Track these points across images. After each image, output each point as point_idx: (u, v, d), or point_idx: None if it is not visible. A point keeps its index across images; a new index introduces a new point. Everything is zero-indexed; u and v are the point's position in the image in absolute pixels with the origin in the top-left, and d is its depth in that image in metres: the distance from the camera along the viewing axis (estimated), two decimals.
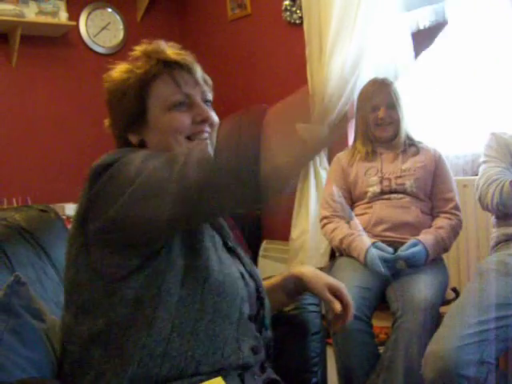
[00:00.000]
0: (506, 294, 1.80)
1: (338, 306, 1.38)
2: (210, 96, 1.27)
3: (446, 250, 2.35)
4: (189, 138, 1.21)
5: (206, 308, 1.12)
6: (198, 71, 1.25)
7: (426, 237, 2.26)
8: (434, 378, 1.65)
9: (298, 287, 1.48)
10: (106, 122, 1.28)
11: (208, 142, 1.23)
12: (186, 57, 1.25)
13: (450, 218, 2.35)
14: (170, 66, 1.21)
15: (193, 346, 1.10)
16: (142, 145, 1.23)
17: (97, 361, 1.09)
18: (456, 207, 2.38)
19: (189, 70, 1.22)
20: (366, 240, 2.28)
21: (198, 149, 0.99)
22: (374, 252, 2.21)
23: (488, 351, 1.66)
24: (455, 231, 2.35)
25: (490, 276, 1.90)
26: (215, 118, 1.25)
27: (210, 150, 1.11)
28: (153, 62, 1.21)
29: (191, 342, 1.10)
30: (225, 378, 1.05)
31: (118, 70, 1.25)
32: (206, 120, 1.22)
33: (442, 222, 2.34)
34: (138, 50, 1.26)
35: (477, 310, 1.75)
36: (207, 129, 1.23)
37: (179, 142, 1.19)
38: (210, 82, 1.29)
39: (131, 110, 1.21)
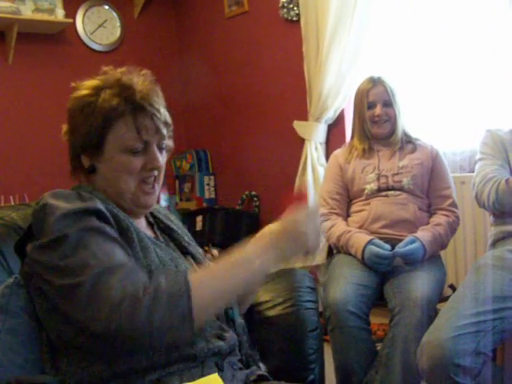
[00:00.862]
0: (501, 287, 1.81)
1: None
2: (165, 141, 1.32)
3: (443, 246, 2.35)
4: (137, 183, 1.28)
5: None
6: (162, 116, 1.29)
7: (424, 234, 2.26)
8: (429, 367, 1.66)
9: None
10: (64, 127, 1.34)
11: (155, 188, 1.32)
12: (154, 99, 1.28)
13: (447, 215, 2.35)
14: (136, 109, 1.25)
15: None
16: (91, 170, 1.28)
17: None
18: (453, 204, 2.38)
19: (152, 117, 1.26)
20: (364, 237, 2.28)
21: (151, 296, 1.04)
22: (372, 249, 2.21)
23: (484, 342, 1.67)
24: (452, 228, 2.35)
25: (487, 270, 1.90)
26: (163, 164, 1.33)
27: (156, 197, 1.34)
28: (121, 101, 1.25)
29: None
30: (202, 365, 1.15)
31: (86, 91, 1.29)
32: (155, 168, 1.30)
33: (439, 218, 2.34)
34: (114, 75, 1.30)
35: (473, 302, 1.75)
36: (155, 173, 1.31)
37: (128, 185, 1.27)
38: (169, 121, 1.34)
39: (90, 137, 1.26)
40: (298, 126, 3.44)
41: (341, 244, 2.35)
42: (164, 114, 1.31)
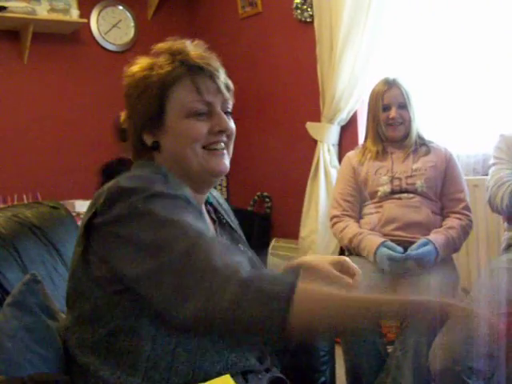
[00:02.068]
0: None
1: (349, 280, 1.33)
2: (230, 106, 1.24)
3: (456, 250, 2.34)
4: (204, 148, 1.19)
5: None
6: (222, 77, 1.21)
7: (437, 236, 2.25)
8: (441, 369, 1.65)
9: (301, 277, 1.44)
10: (123, 115, 1.26)
11: (225, 152, 1.22)
12: (211, 61, 1.21)
13: (460, 218, 2.34)
14: (193, 71, 1.18)
15: (199, 359, 1.09)
16: (155, 147, 1.20)
17: (98, 370, 1.08)
18: (466, 207, 2.37)
19: (212, 77, 1.19)
20: (376, 239, 2.27)
21: (241, 270, 0.97)
22: (384, 251, 2.21)
23: (498, 345, 1.66)
24: (465, 231, 2.34)
25: (502, 273, 1.89)
26: (233, 128, 1.23)
27: (228, 163, 1.21)
28: (176, 64, 1.18)
29: (198, 355, 1.09)
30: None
31: (140, 65, 1.22)
32: (223, 131, 1.20)
33: (452, 222, 2.33)
34: (163, 46, 1.23)
35: (487, 305, 1.74)
36: (224, 139, 1.21)
37: (194, 151, 1.18)
38: (232, 87, 1.25)
39: (149, 110, 1.18)
40: (310, 127, 3.44)
41: (353, 246, 2.34)
42: (224, 76, 1.23)
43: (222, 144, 1.21)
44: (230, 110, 1.24)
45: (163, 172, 1.16)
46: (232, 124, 1.23)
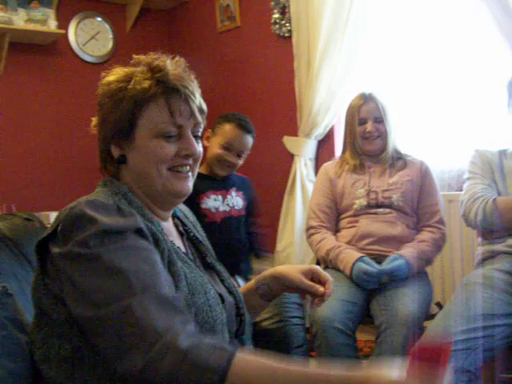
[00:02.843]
0: (491, 305, 1.81)
1: (320, 289, 1.34)
2: (201, 129, 1.25)
3: (428, 262, 2.35)
4: (170, 169, 1.19)
5: None
6: (197, 100, 1.21)
7: (407, 250, 2.27)
8: None
9: (273, 287, 1.41)
10: (94, 120, 1.25)
11: (189, 174, 1.23)
12: (188, 83, 1.21)
13: (432, 232, 2.36)
14: (169, 92, 1.17)
15: None
16: (121, 160, 1.20)
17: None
18: (440, 221, 2.39)
19: (187, 100, 1.18)
20: (354, 253, 2.28)
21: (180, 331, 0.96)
22: (361, 266, 2.21)
23: (471, 360, 1.67)
24: (438, 244, 2.36)
25: (476, 288, 1.91)
26: (200, 152, 1.24)
27: (191, 185, 1.22)
28: (153, 82, 1.18)
29: None
30: None
31: (116, 76, 1.21)
32: (190, 155, 1.21)
33: (424, 235, 2.35)
34: (144, 59, 1.23)
35: (462, 320, 1.75)
36: (190, 162, 1.22)
37: (159, 172, 1.18)
38: (205, 110, 1.26)
39: (120, 124, 1.18)
40: (287, 141, 3.45)
41: (330, 258, 2.34)
42: (199, 99, 1.22)
43: (188, 167, 1.22)
44: (199, 133, 1.25)
45: (123, 192, 1.17)
46: (200, 148, 1.24)
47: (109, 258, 1.01)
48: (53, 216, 3.24)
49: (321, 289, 1.34)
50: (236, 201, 2.45)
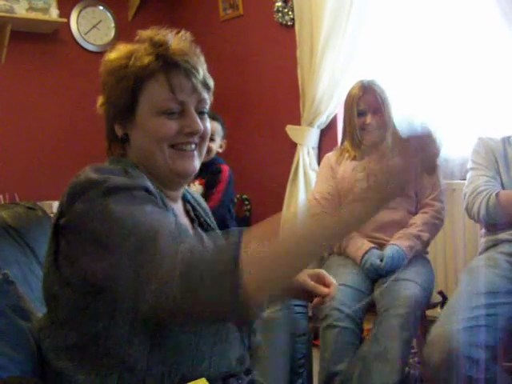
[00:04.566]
0: (494, 284, 1.82)
1: (325, 290, 1.34)
2: (207, 106, 1.21)
3: (425, 243, 2.33)
4: (172, 147, 1.16)
5: None
6: (200, 75, 1.18)
7: (399, 237, 2.28)
8: (440, 359, 1.65)
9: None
10: (100, 100, 1.23)
11: (194, 153, 1.19)
12: (191, 57, 1.18)
13: (426, 212, 2.35)
14: (168, 67, 1.14)
15: (177, 360, 1.07)
16: (124, 139, 1.18)
17: (73, 374, 1.06)
18: (436, 198, 2.36)
19: (188, 75, 1.15)
20: (363, 244, 2.30)
21: (188, 249, 0.94)
22: (371, 260, 2.23)
23: (492, 335, 1.67)
24: (432, 224, 2.33)
25: (479, 270, 1.92)
26: (207, 128, 1.20)
27: (197, 164, 1.17)
28: (152, 58, 1.14)
29: (175, 356, 1.07)
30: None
31: (118, 53, 1.19)
32: (194, 133, 1.17)
33: (415, 219, 2.34)
34: (147, 33, 1.20)
35: (480, 296, 1.76)
36: (195, 140, 1.18)
37: (161, 150, 1.15)
38: (211, 86, 1.22)
39: (122, 102, 1.16)
40: (290, 130, 3.45)
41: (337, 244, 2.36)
42: (204, 74, 1.19)
43: (193, 145, 1.18)
44: (206, 110, 1.21)
45: (129, 164, 1.15)
46: (207, 124, 1.20)
47: (116, 206, 0.99)
48: (56, 205, 3.25)
49: (325, 290, 1.34)
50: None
